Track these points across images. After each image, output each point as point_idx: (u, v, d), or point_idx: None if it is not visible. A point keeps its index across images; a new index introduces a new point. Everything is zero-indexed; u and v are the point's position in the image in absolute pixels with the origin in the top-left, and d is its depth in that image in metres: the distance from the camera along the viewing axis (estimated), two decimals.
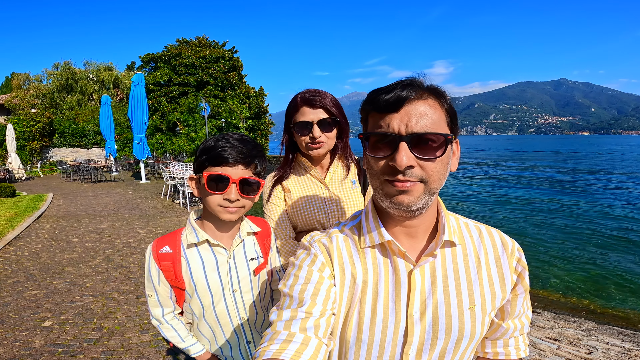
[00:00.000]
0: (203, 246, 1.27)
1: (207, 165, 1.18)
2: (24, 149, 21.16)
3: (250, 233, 1.37)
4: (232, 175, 1.16)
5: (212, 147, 1.17)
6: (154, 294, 1.28)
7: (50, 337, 3.40)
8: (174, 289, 1.29)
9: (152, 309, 1.31)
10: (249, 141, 1.22)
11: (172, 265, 1.24)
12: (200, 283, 1.25)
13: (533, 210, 13.43)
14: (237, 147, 1.16)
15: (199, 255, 1.26)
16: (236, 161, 1.16)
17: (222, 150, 1.15)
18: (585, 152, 62.57)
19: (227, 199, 1.17)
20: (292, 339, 0.71)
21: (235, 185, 1.16)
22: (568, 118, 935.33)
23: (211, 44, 25.09)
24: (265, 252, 1.38)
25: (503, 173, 28.55)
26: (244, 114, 20.05)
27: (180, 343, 1.33)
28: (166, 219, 8.84)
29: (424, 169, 0.73)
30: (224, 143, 1.16)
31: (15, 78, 31.37)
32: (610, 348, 3.51)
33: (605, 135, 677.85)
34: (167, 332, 1.32)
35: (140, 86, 15.23)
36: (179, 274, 1.24)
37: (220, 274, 1.28)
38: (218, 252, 1.28)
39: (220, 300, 1.29)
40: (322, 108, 1.44)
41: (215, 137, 1.20)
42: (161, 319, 1.31)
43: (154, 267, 1.25)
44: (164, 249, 1.25)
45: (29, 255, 5.97)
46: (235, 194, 1.17)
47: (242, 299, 1.32)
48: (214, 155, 1.16)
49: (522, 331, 0.91)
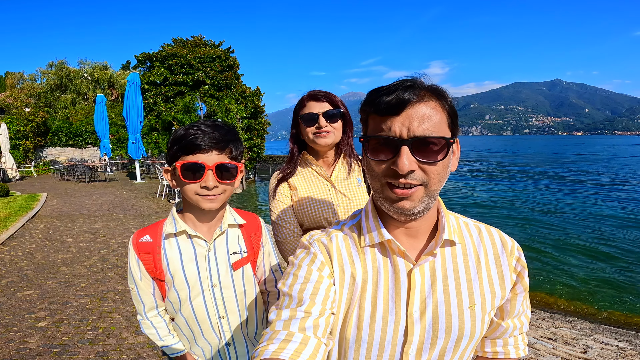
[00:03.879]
0: (182, 237, 1.23)
1: (179, 155, 1.13)
2: (17, 148, 21.02)
3: (234, 225, 1.30)
4: (206, 162, 1.11)
5: (183, 135, 1.12)
6: (134, 287, 1.25)
7: (45, 338, 3.37)
8: (156, 281, 1.24)
9: (135, 304, 1.28)
10: (221, 126, 1.17)
11: (151, 254, 1.21)
12: (178, 274, 1.21)
13: (529, 210, 13.50)
14: (209, 132, 1.12)
15: (177, 245, 1.22)
16: (209, 147, 1.11)
17: (194, 137, 1.10)
18: (585, 153, 63.03)
19: (204, 187, 1.12)
20: (291, 338, 0.71)
21: (211, 172, 1.11)
22: (562, 119, 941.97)
23: (207, 44, 24.99)
24: (251, 247, 1.32)
25: (499, 173, 28.68)
26: (240, 113, 19.99)
27: (159, 341, 1.30)
28: (161, 218, 8.80)
29: (425, 172, 0.73)
30: (195, 130, 1.11)
31: (9, 77, 31.16)
32: (605, 347, 3.54)
33: (599, 135, 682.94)
34: (147, 329, 1.29)
35: (135, 85, 15.17)
36: (158, 264, 1.20)
37: (199, 266, 1.22)
38: (197, 243, 1.23)
39: (198, 295, 1.23)
40: (327, 101, 1.51)
41: (185, 126, 1.15)
42: (142, 314, 1.28)
43: (134, 257, 1.21)
44: (144, 238, 1.22)
45: (22, 256, 5.92)
46: (213, 181, 1.12)
47: (222, 296, 1.26)
48: (185, 144, 1.11)
49: (521, 330, 0.91)
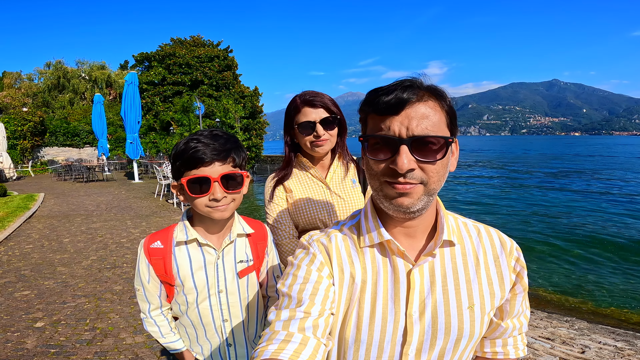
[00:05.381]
0: (192, 244, 1.26)
1: (183, 171, 1.14)
2: (15, 148, 20.93)
3: (242, 235, 1.34)
4: (211, 174, 1.11)
5: (184, 150, 1.12)
6: (141, 289, 1.29)
7: (43, 338, 3.36)
8: (164, 284, 1.29)
9: (140, 303, 1.33)
10: (221, 135, 1.17)
11: (162, 260, 1.24)
12: (187, 280, 1.25)
13: (526, 209, 13.53)
14: (210, 144, 1.12)
15: (187, 253, 1.25)
16: (212, 159, 1.11)
17: (195, 150, 1.10)
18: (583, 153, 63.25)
19: (213, 199, 1.13)
20: (291, 338, 0.71)
21: (217, 184, 1.12)
22: (560, 119, 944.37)
23: (206, 44, 24.97)
24: (256, 256, 1.35)
25: (497, 172, 28.73)
26: (239, 113, 19.98)
27: (160, 338, 1.35)
28: (160, 218, 8.78)
29: (424, 171, 0.73)
30: (195, 143, 1.11)
31: (6, 77, 31.06)
32: (602, 347, 3.55)
33: (596, 135, 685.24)
34: (150, 326, 1.34)
35: (133, 85, 15.15)
36: (168, 270, 1.24)
37: (207, 273, 1.26)
38: (207, 251, 1.27)
39: (204, 299, 1.28)
40: (322, 107, 1.49)
41: (185, 139, 1.15)
42: (146, 313, 1.33)
43: (144, 262, 1.25)
44: (155, 243, 1.25)
45: (20, 256, 5.90)
46: (221, 192, 1.12)
47: (227, 301, 1.30)
48: (187, 159, 1.11)
49: (520, 330, 0.91)
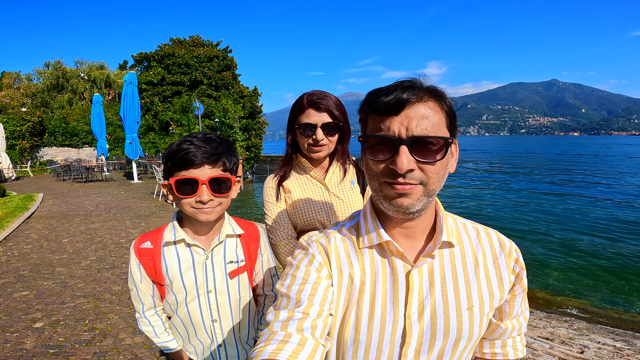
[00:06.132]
0: (181, 245, 1.27)
1: (173, 171, 1.15)
2: (14, 148, 20.90)
3: (233, 235, 1.34)
4: (199, 176, 1.13)
5: (176, 150, 1.14)
6: (134, 289, 1.31)
7: (42, 339, 3.35)
8: (156, 284, 1.31)
9: (134, 303, 1.35)
10: (214, 139, 1.19)
11: (151, 260, 1.26)
12: (176, 280, 1.26)
13: (524, 209, 13.54)
14: (201, 147, 1.13)
15: (176, 253, 1.27)
16: (202, 162, 1.13)
17: (186, 152, 1.12)
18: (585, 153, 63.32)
19: (199, 201, 1.15)
20: (289, 339, 0.71)
21: (205, 186, 1.13)
22: (559, 119, 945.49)
23: (205, 43, 24.96)
24: (248, 256, 1.36)
25: (495, 171, 28.75)
26: (238, 113, 19.96)
27: (155, 338, 1.36)
28: (159, 219, 8.78)
29: (424, 172, 0.73)
30: (187, 145, 1.13)
31: (5, 77, 31.03)
32: (602, 347, 3.55)
33: (595, 135, 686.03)
34: (144, 326, 1.36)
35: (132, 85, 15.13)
36: (158, 270, 1.26)
37: (196, 273, 1.27)
38: (195, 251, 1.28)
39: (193, 299, 1.29)
40: (326, 112, 1.46)
41: (178, 140, 1.17)
42: (141, 313, 1.35)
43: (135, 262, 1.27)
44: (145, 244, 1.27)
45: (19, 256, 5.89)
46: (208, 195, 1.14)
47: (217, 301, 1.31)
48: (178, 160, 1.13)
49: (519, 331, 0.91)
